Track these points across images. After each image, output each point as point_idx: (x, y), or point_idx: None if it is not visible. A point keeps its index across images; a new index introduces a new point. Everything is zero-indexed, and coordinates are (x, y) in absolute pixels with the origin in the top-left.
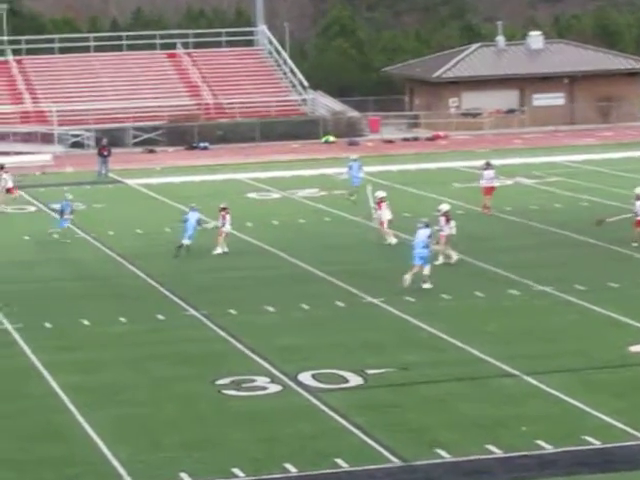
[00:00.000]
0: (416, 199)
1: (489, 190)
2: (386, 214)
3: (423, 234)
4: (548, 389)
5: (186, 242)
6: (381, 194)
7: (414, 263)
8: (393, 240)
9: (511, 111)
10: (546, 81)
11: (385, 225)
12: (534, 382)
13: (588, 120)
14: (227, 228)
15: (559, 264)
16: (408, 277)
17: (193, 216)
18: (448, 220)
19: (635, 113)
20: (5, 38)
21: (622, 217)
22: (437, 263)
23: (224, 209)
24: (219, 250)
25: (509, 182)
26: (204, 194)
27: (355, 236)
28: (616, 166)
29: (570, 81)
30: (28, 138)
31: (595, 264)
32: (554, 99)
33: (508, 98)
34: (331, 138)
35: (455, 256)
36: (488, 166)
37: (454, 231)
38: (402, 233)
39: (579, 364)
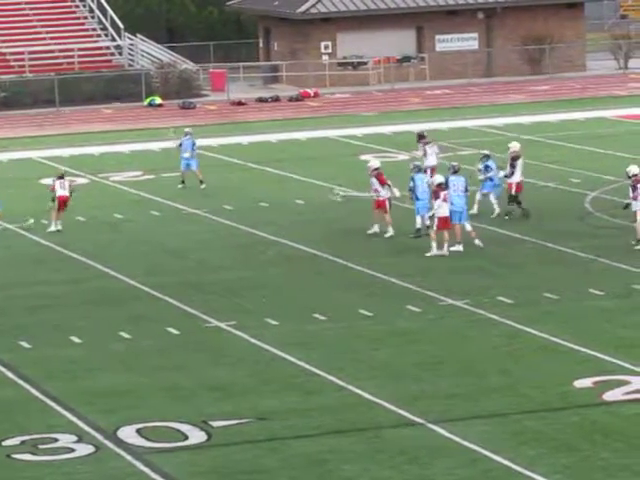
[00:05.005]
0: (279, 183)
1: None
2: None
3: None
4: (464, 442)
5: None
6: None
7: None
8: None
9: (406, 59)
10: (453, 17)
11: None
12: (444, 433)
13: (512, 70)
14: None
15: (473, 269)
16: None
17: None
18: None
19: (575, 59)
20: None
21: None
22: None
23: None
24: None
25: (403, 157)
26: None
27: (195, 235)
28: (552, 132)
29: (487, 16)
30: None
31: (526, 268)
32: (465, 41)
33: (401, 41)
34: (157, 100)
35: None
36: None
37: None
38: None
39: (506, 406)
